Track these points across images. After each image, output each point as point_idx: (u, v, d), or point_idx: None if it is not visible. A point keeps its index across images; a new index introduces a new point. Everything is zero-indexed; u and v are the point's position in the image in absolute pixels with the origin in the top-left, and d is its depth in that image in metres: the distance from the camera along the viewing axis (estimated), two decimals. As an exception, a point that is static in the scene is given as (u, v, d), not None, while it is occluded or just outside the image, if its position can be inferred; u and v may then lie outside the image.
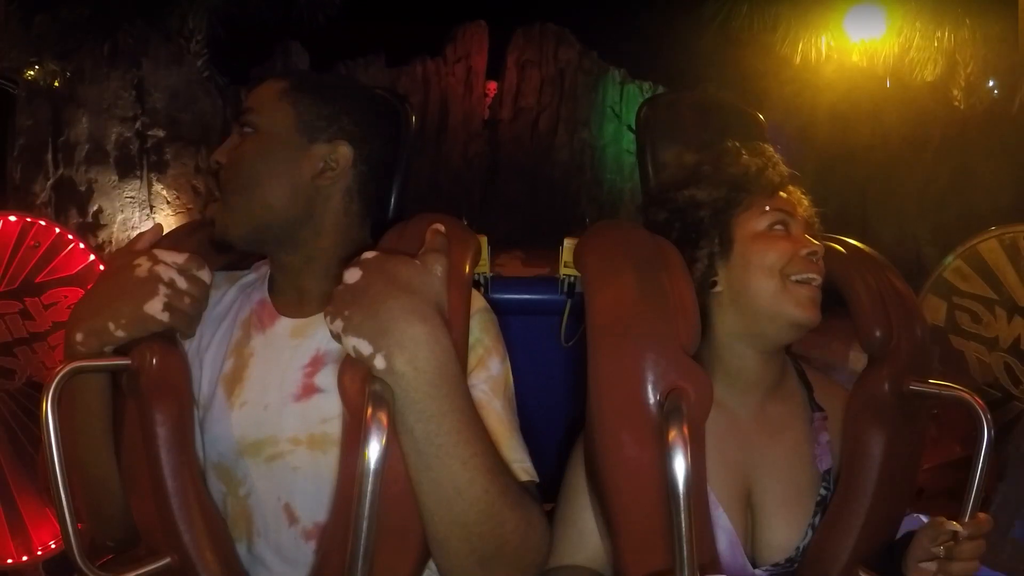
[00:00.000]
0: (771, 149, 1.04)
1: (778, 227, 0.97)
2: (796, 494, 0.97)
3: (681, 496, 0.71)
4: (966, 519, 0.83)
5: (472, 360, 0.87)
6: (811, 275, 0.94)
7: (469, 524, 0.76)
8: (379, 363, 0.71)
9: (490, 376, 0.89)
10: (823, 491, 0.98)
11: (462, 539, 0.77)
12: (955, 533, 0.84)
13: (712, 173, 1.01)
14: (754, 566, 0.94)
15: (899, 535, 0.95)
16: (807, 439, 1.00)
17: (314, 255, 0.94)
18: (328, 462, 0.86)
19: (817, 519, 0.97)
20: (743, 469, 0.97)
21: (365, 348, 0.72)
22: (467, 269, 0.87)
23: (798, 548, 0.95)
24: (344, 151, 0.94)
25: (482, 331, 0.91)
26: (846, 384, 1.05)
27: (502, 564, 0.79)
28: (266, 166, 0.90)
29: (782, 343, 0.99)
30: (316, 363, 0.90)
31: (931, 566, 0.86)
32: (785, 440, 0.99)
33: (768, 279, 0.94)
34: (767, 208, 0.97)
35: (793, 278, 0.94)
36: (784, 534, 0.96)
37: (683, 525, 0.71)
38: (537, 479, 0.90)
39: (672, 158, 1.23)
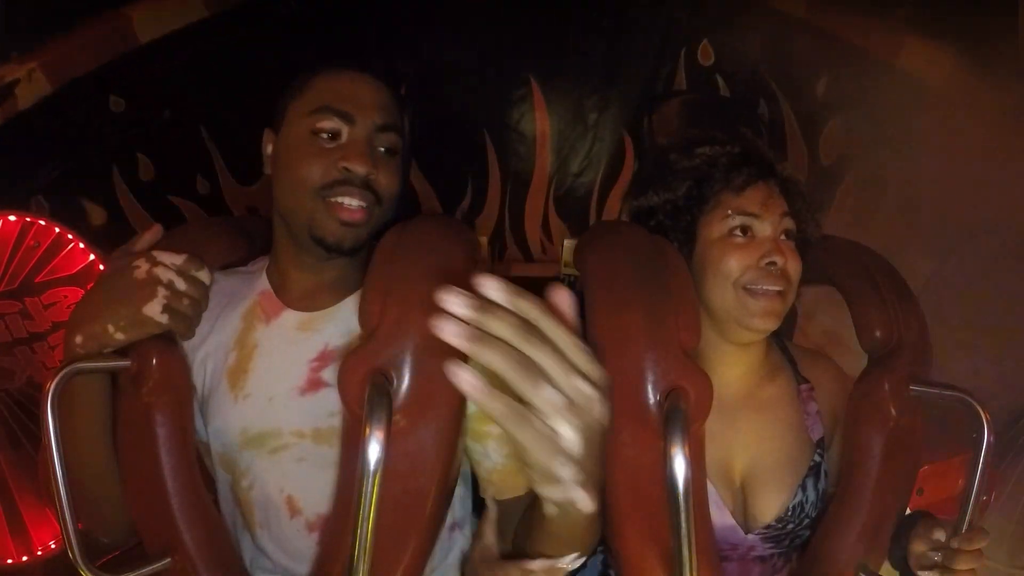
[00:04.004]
0: (755, 139, 1.02)
1: (737, 235, 0.95)
2: (788, 462, 0.98)
3: (681, 496, 0.71)
4: (964, 526, 0.84)
5: None
6: (767, 287, 0.93)
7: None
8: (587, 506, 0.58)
9: None
10: (817, 458, 0.99)
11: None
12: (950, 541, 0.85)
13: (677, 163, 1.00)
14: (746, 533, 0.96)
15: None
16: (798, 412, 1.02)
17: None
18: (336, 455, 0.86)
19: (808, 481, 0.97)
20: (728, 442, 0.98)
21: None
22: (466, 269, 0.86)
23: (788, 509, 0.96)
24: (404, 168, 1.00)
25: None
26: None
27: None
28: (399, 187, 0.95)
29: (745, 342, 0.99)
30: (324, 358, 0.90)
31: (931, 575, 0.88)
32: (774, 415, 1.00)
33: (723, 287, 0.94)
34: (729, 212, 0.95)
35: (748, 288, 0.93)
36: (775, 499, 0.97)
37: (683, 525, 0.71)
38: None
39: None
